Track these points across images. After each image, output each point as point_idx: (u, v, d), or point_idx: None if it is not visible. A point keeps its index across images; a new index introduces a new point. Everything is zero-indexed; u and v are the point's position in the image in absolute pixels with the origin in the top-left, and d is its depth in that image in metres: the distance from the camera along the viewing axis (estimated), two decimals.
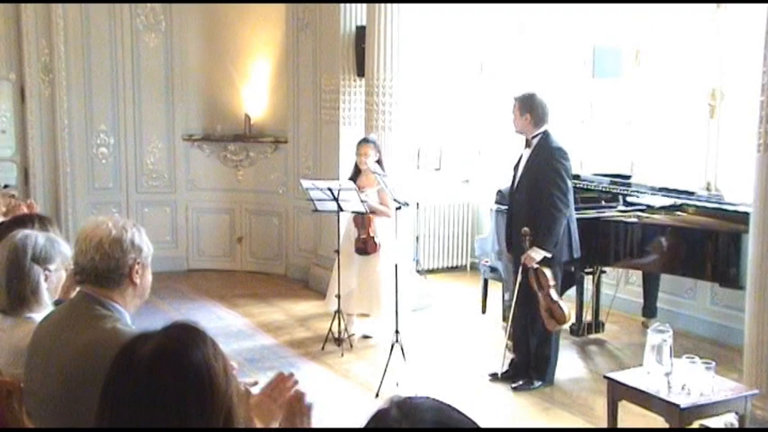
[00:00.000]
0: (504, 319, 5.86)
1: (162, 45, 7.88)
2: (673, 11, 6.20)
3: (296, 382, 2.01)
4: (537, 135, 4.88)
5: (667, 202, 5.73)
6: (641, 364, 3.74)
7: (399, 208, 5.25)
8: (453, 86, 8.02)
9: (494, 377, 5.14)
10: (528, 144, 4.95)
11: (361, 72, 6.96)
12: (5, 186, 7.26)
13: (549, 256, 4.76)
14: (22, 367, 2.39)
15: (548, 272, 4.75)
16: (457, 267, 8.22)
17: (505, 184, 5.45)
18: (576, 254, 5.03)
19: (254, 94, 8.00)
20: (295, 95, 7.74)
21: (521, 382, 5.01)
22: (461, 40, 7.95)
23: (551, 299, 4.74)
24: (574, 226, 4.99)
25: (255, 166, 8.07)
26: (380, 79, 6.50)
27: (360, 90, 7.08)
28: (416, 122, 7.33)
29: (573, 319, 5.32)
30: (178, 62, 7.94)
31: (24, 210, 4.74)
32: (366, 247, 5.79)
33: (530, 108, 4.87)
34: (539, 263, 4.76)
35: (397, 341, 5.08)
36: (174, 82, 7.95)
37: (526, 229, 4.74)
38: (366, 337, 5.95)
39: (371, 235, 5.78)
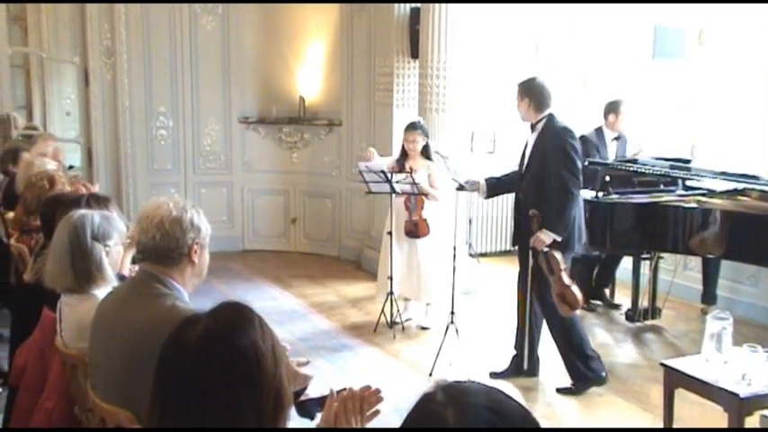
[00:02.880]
0: None
1: (219, 28, 7.99)
2: None
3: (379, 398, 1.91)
4: (541, 119, 4.68)
5: (729, 186, 5.56)
6: (699, 352, 3.67)
7: (462, 188, 5.10)
8: (508, 68, 7.91)
9: (494, 375, 4.93)
10: (533, 129, 4.74)
11: (415, 54, 6.93)
12: (70, 167, 7.50)
13: (558, 239, 4.54)
14: (87, 341, 2.48)
15: (558, 255, 4.53)
16: (509, 251, 8.15)
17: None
18: (582, 239, 4.80)
19: (309, 76, 8.05)
20: (349, 78, 7.76)
21: (570, 385, 4.75)
22: (516, 22, 7.83)
23: (563, 283, 4.55)
24: (581, 210, 4.77)
25: (310, 148, 8.14)
26: (434, 61, 6.45)
27: (414, 72, 7.05)
28: (470, 105, 7.27)
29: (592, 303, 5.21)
30: (235, 45, 8.04)
31: (82, 190, 4.89)
32: (417, 229, 5.75)
33: (529, 93, 4.67)
34: (548, 246, 4.55)
35: (452, 322, 5.06)
36: (231, 65, 8.05)
37: (534, 210, 4.53)
38: (423, 328, 5.88)
39: (423, 218, 5.75)
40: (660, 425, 3.89)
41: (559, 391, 4.75)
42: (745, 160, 5.92)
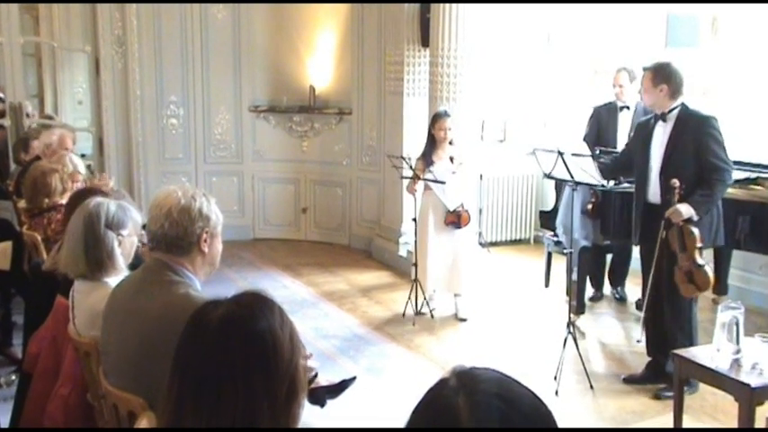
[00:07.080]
0: (568, 293, 5.79)
1: (230, 17, 7.98)
2: None
3: None
4: (674, 108, 4.38)
5: (742, 175, 5.52)
6: (710, 342, 3.66)
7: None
8: (519, 57, 7.88)
9: (628, 380, 4.71)
10: (663, 119, 4.41)
11: (425, 43, 6.91)
12: (82, 156, 7.53)
13: (695, 218, 4.28)
14: (99, 329, 2.50)
15: (695, 230, 4.24)
16: (520, 240, 8.15)
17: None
18: (719, 237, 4.54)
19: (319, 65, 8.04)
20: (359, 67, 7.74)
21: (663, 387, 4.50)
22: (528, 11, 7.79)
23: (695, 262, 4.25)
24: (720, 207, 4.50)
25: (320, 137, 8.14)
26: (445, 50, 6.43)
27: (424, 61, 7.03)
28: (481, 93, 7.24)
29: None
30: (245, 34, 8.03)
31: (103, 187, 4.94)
32: (459, 220, 5.67)
33: (665, 78, 4.34)
34: (684, 221, 4.25)
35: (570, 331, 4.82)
36: (242, 54, 8.05)
37: (676, 180, 4.22)
38: (462, 319, 5.80)
39: (465, 208, 5.69)
40: (671, 414, 3.88)
41: (656, 397, 4.53)
42: (759, 149, 5.87)
